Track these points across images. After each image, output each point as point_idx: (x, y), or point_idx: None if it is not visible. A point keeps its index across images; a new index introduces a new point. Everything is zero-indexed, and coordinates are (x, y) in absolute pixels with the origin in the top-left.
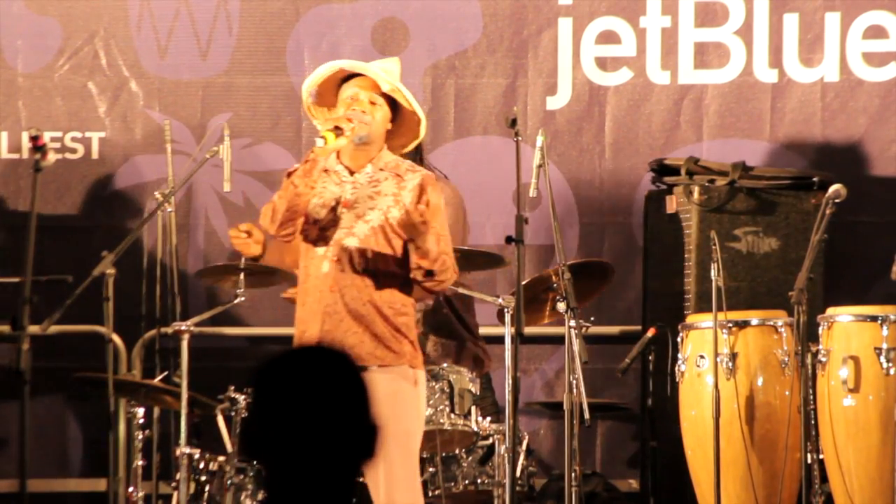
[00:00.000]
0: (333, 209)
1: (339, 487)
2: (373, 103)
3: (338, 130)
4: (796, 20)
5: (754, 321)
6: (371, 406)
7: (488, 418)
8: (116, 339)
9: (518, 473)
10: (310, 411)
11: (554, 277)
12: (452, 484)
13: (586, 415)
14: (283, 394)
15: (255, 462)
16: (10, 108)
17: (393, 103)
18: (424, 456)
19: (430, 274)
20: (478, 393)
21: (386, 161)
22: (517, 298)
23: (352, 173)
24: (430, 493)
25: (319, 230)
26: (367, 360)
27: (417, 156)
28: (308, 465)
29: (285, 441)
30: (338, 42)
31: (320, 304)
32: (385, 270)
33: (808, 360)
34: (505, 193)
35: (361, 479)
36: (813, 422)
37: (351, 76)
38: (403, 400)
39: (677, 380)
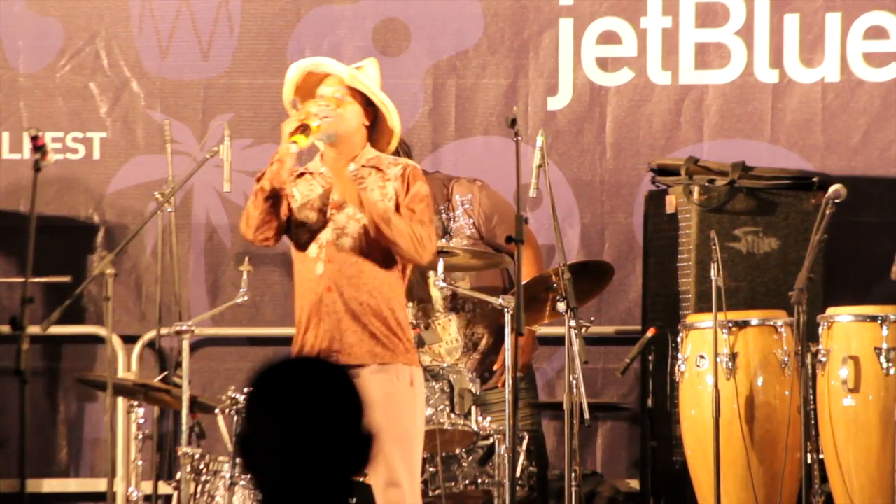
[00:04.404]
0: (322, 211)
1: (334, 497)
2: (342, 100)
3: (305, 129)
4: (797, 21)
5: (754, 321)
6: (365, 415)
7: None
8: (116, 339)
9: (518, 473)
10: (303, 422)
11: (554, 277)
12: (453, 484)
13: (586, 415)
14: (276, 405)
15: (250, 474)
16: (12, 109)
17: (372, 101)
18: (424, 456)
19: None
20: (478, 393)
21: (368, 157)
22: (517, 298)
23: None
24: (431, 493)
25: (310, 233)
26: (365, 359)
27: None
28: (302, 477)
29: (279, 452)
30: (339, 43)
31: (318, 305)
32: (379, 268)
33: (808, 360)
34: (506, 193)
35: (365, 480)
36: (813, 422)
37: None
38: (399, 401)
39: (677, 380)
